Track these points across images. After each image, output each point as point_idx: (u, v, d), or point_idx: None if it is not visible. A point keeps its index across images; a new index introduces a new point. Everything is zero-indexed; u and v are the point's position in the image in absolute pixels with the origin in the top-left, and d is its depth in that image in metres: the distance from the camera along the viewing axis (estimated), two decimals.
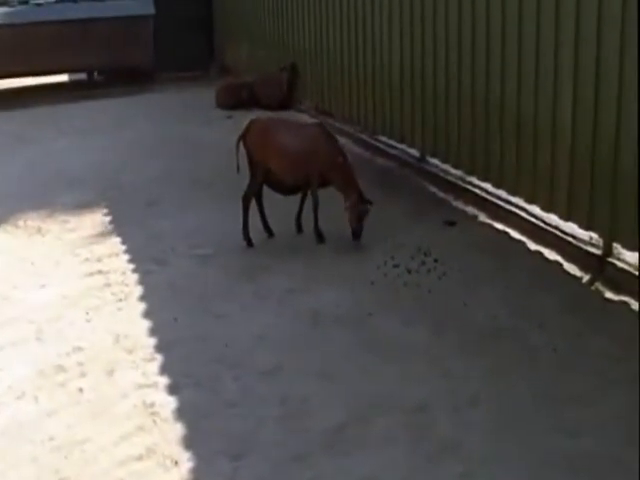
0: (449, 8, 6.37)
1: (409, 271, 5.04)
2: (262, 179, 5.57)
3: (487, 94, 6.01)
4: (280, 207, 5.81)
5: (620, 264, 4.87)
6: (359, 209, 5.29)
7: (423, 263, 5.13)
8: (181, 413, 3.65)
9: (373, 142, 7.93)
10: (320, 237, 5.52)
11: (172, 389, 3.85)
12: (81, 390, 3.87)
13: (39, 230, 6.17)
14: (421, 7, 6.79)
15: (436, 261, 5.12)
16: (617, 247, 4.94)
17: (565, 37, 5.08)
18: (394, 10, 7.27)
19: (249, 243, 5.58)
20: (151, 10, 12.27)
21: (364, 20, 7.88)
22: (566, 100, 5.14)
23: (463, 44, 6.26)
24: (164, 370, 4.02)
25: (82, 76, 12.66)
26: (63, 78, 12.89)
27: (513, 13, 5.59)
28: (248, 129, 5.63)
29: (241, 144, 5.61)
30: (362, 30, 7.95)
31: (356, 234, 5.34)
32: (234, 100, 10.30)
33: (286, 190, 5.67)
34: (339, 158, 5.42)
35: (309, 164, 5.46)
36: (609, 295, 4.73)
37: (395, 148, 7.52)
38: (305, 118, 9.50)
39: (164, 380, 3.93)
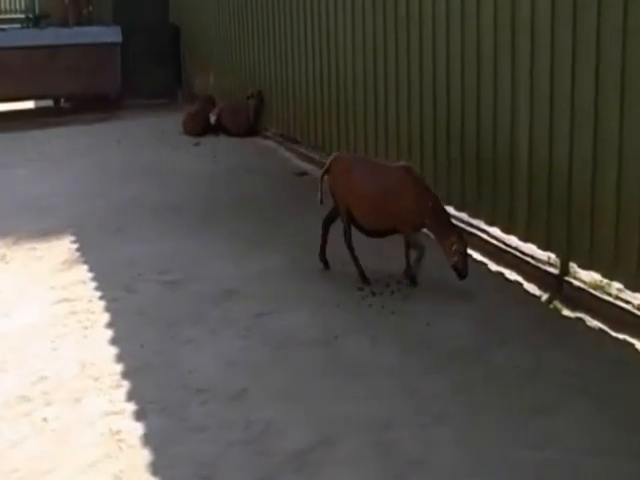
0: (410, 36, 6.55)
1: (374, 293, 5.13)
2: (349, 218, 5.32)
3: (448, 124, 6.19)
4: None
5: (576, 282, 5.04)
6: (461, 249, 4.98)
7: (387, 285, 5.23)
8: (148, 439, 3.65)
9: None
10: (413, 280, 5.18)
11: (139, 415, 3.85)
12: (46, 419, 3.85)
13: (4, 257, 6.14)
14: (383, 36, 6.97)
15: (399, 283, 5.22)
16: (573, 266, 5.11)
17: (521, 71, 5.29)
18: (357, 38, 7.44)
19: (364, 280, 5.27)
20: (119, 38, 12.35)
21: (328, 47, 8.05)
22: (523, 130, 5.34)
23: (424, 71, 6.44)
24: (131, 397, 4.03)
25: (49, 103, 12.65)
26: (29, 105, 12.85)
27: (471, 47, 5.78)
28: (330, 166, 5.40)
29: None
30: (327, 57, 8.11)
31: (462, 274, 5.03)
32: (201, 127, 10.39)
33: (370, 232, 5.36)
34: (429, 202, 5.08)
35: (391, 209, 5.14)
36: (566, 312, 4.87)
37: None
38: (268, 143, 9.64)
39: (131, 407, 3.93)
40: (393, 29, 6.81)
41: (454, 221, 5.35)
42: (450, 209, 6.17)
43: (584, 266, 5.01)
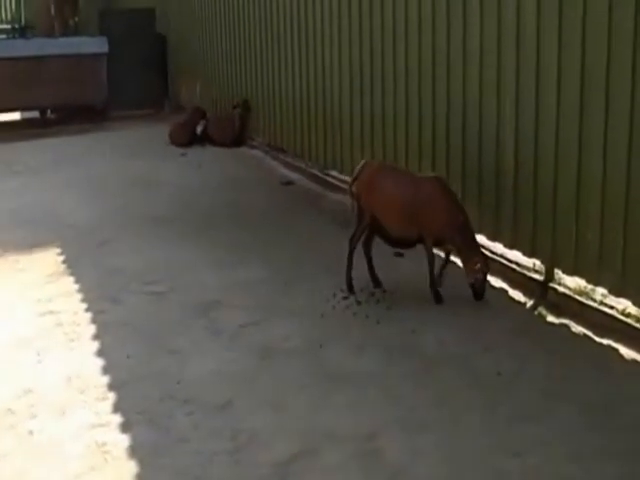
0: (397, 44, 6.61)
1: (358, 302, 5.14)
2: (368, 225, 5.22)
3: (433, 134, 6.24)
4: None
5: (561, 289, 5.08)
6: (484, 269, 4.95)
7: (372, 294, 5.25)
8: (133, 451, 3.65)
9: (324, 177, 8.09)
10: (437, 296, 5.08)
11: (124, 427, 3.85)
12: (31, 432, 3.84)
13: None
14: (370, 46, 7.03)
15: (385, 292, 5.25)
16: (558, 273, 5.15)
17: (506, 78, 5.34)
18: (343, 46, 7.50)
19: (349, 288, 5.22)
20: (105, 48, 12.35)
21: (315, 57, 8.10)
22: (509, 139, 5.40)
23: (409, 82, 6.49)
24: (116, 409, 4.02)
25: (35, 114, 12.62)
26: (15, 116, 12.83)
27: (457, 56, 5.84)
28: (360, 172, 5.30)
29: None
30: (313, 67, 8.16)
31: (479, 294, 5.02)
32: (188, 138, 10.41)
33: (394, 242, 5.30)
34: (459, 217, 4.98)
35: (419, 220, 5.04)
36: (551, 318, 4.91)
37: (346, 182, 7.67)
38: (255, 153, 9.67)
39: (116, 419, 3.93)
40: (379, 41, 6.87)
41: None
42: None
43: (569, 272, 5.06)
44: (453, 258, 5.26)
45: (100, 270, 5.99)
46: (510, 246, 5.52)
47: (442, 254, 5.22)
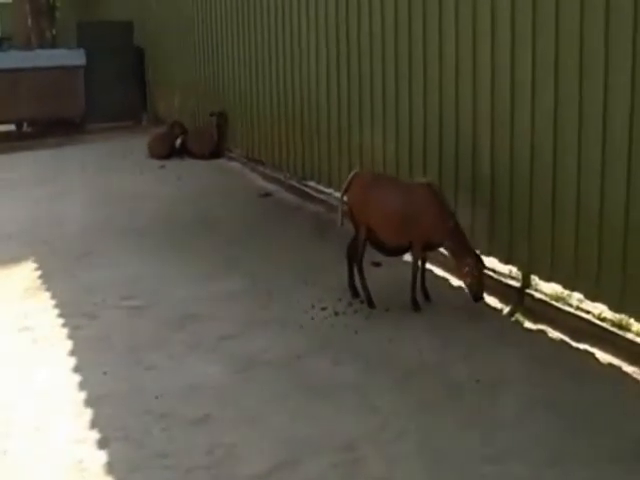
0: (374, 55, 6.65)
1: (337, 313, 5.15)
2: (366, 238, 5.21)
3: (410, 140, 6.27)
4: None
5: (537, 295, 5.12)
6: (475, 272, 4.92)
7: (350, 304, 5.26)
8: (110, 467, 3.61)
9: (303, 188, 8.11)
10: (416, 305, 5.11)
11: (101, 444, 3.81)
12: (5, 452, 3.79)
13: None
14: (347, 58, 7.06)
15: (362, 302, 5.25)
16: (534, 279, 5.19)
17: (483, 82, 5.40)
18: (321, 58, 7.53)
19: (354, 294, 5.26)
20: (82, 61, 12.32)
21: (292, 69, 8.13)
22: (484, 145, 5.44)
23: (387, 93, 6.53)
24: (93, 425, 3.98)
25: (11, 127, 12.53)
26: None
27: (433, 63, 5.89)
28: (350, 183, 5.28)
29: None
30: (291, 78, 8.19)
31: (478, 297, 4.98)
32: (167, 150, 10.38)
33: (387, 251, 5.31)
34: (449, 223, 4.97)
35: (413, 227, 5.04)
36: (528, 325, 4.94)
37: (323, 193, 7.72)
38: (233, 165, 9.65)
39: (93, 435, 3.88)
40: (356, 53, 6.92)
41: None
42: None
43: (545, 278, 5.10)
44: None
45: (77, 285, 5.94)
46: (486, 253, 5.55)
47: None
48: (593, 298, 4.77)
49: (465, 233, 5.10)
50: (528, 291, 5.19)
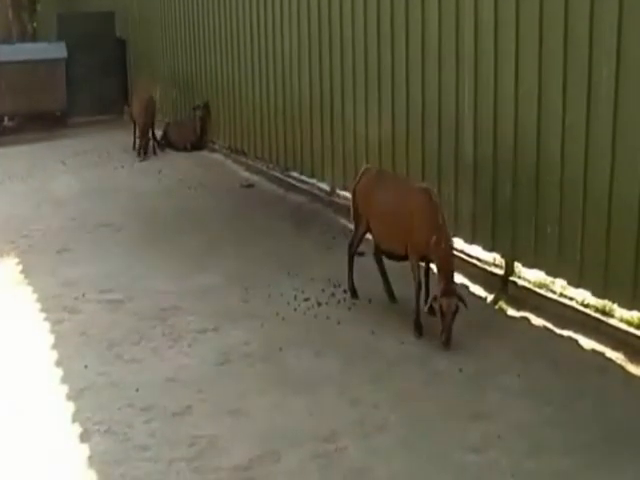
0: (356, 46, 6.62)
1: (319, 304, 5.12)
2: (364, 232, 5.11)
3: (393, 129, 6.24)
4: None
5: (521, 282, 5.11)
6: (445, 302, 4.37)
7: (333, 295, 5.23)
8: (92, 461, 3.59)
9: (285, 178, 8.07)
10: (418, 328, 4.64)
11: (83, 437, 3.78)
12: None
13: None
14: (329, 50, 7.02)
15: (345, 292, 5.23)
16: (518, 266, 5.18)
17: (465, 79, 5.40)
18: (303, 48, 7.47)
19: (353, 294, 5.14)
20: (63, 54, 12.15)
21: (274, 60, 8.06)
22: (467, 132, 5.43)
23: (369, 82, 6.49)
24: (75, 418, 3.95)
25: None
26: None
27: (415, 58, 5.87)
28: (360, 179, 5.16)
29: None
30: (273, 69, 8.12)
31: (446, 342, 4.41)
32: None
33: (388, 255, 5.02)
34: (433, 237, 4.48)
35: (401, 229, 4.73)
36: (512, 312, 4.94)
37: (306, 183, 7.67)
38: (216, 157, 9.55)
39: (75, 428, 3.85)
40: (339, 45, 6.87)
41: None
42: None
43: (529, 265, 5.09)
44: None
45: (57, 279, 5.87)
46: (470, 241, 5.54)
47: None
48: (576, 284, 4.77)
49: (450, 255, 4.59)
50: (512, 279, 5.18)
